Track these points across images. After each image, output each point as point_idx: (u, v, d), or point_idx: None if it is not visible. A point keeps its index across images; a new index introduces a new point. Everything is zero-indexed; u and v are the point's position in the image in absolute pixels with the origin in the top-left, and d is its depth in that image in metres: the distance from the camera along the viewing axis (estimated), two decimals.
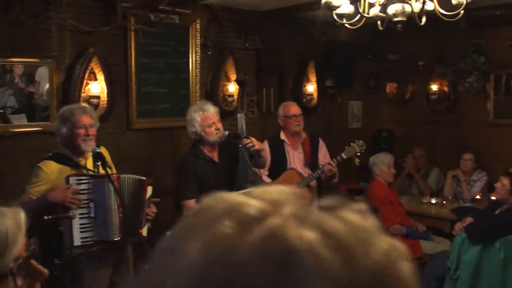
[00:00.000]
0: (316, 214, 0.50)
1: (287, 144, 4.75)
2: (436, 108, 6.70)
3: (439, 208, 5.35)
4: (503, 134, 6.12)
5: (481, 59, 5.97)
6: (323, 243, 0.46)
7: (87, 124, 3.30)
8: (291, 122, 4.68)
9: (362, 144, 4.48)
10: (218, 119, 3.91)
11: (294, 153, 4.75)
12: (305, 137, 4.78)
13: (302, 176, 4.55)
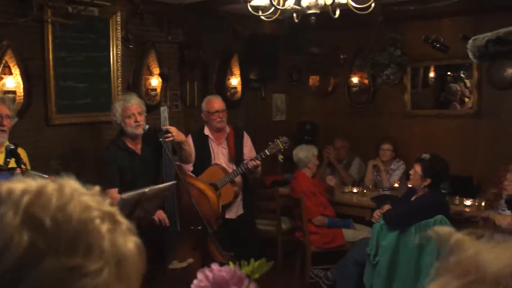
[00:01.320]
0: None
1: (211, 139, 4.73)
2: (357, 100, 6.92)
3: (360, 197, 5.54)
4: (419, 124, 6.42)
5: (397, 52, 6.22)
6: None
7: (4, 114, 3.19)
8: (214, 118, 4.65)
9: (286, 140, 4.55)
10: (139, 112, 3.86)
11: (219, 148, 4.73)
12: (229, 131, 4.77)
13: (226, 172, 4.56)
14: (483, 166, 5.75)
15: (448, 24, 5.96)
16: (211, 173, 4.57)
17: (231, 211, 4.66)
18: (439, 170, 4.24)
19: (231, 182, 4.54)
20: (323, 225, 5.10)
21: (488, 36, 2.22)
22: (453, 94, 6.70)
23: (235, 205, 4.67)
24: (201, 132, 4.75)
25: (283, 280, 5.50)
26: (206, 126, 4.76)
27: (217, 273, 1.13)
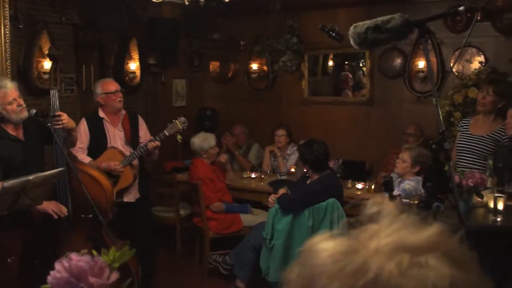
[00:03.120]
0: None
1: (106, 122, 4.57)
2: (257, 86, 6.99)
3: (258, 182, 5.61)
4: (316, 111, 6.61)
5: (293, 40, 6.34)
6: None
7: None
8: (114, 98, 4.51)
9: (184, 120, 4.50)
10: (18, 95, 3.63)
11: (115, 131, 4.59)
12: (124, 114, 4.65)
13: (123, 155, 4.44)
14: (375, 151, 6.02)
15: (344, 14, 6.15)
16: (109, 156, 4.42)
17: (130, 194, 4.54)
18: (309, 155, 4.36)
19: (129, 165, 4.43)
20: (221, 211, 5.12)
21: (367, 23, 2.30)
22: (344, 82, 6.97)
23: (134, 188, 4.56)
24: (96, 115, 4.58)
25: (183, 267, 5.48)
26: (100, 109, 4.59)
27: (75, 263, 1.07)
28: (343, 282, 0.58)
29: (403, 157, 4.26)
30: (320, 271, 0.60)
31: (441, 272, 0.56)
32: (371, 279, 0.56)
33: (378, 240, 0.60)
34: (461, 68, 5.64)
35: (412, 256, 0.57)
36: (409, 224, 0.62)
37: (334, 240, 0.63)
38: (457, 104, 5.22)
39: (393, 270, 0.56)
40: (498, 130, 4.30)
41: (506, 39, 5.33)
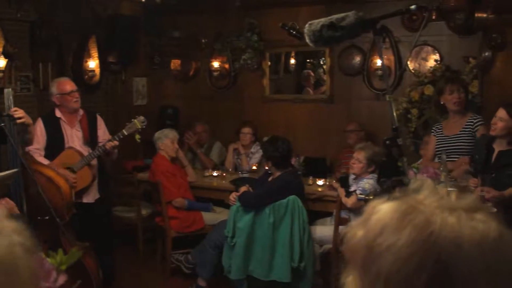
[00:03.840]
0: None
1: (63, 122, 4.48)
2: (218, 84, 6.97)
3: (220, 180, 5.60)
4: (278, 109, 6.64)
5: (254, 38, 6.36)
6: None
7: None
8: (70, 99, 4.43)
9: (143, 120, 4.47)
10: None
11: (72, 131, 4.51)
12: (82, 114, 4.57)
13: (82, 155, 4.37)
14: (336, 148, 6.09)
15: (305, 12, 6.18)
16: (66, 156, 4.34)
17: (89, 195, 4.47)
18: (273, 152, 4.40)
19: (87, 165, 4.36)
20: (183, 207, 5.09)
21: (322, 21, 2.32)
22: (306, 80, 7.03)
23: (93, 189, 4.49)
24: (52, 115, 4.49)
25: (145, 266, 5.44)
26: (57, 109, 4.50)
27: None
28: (412, 230, 0.69)
29: (358, 158, 4.34)
30: (389, 222, 0.71)
31: (490, 225, 0.70)
32: (437, 227, 0.68)
33: (431, 203, 0.72)
34: (417, 66, 5.76)
35: (466, 212, 0.70)
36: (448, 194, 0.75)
37: (392, 202, 0.75)
38: (414, 101, 5.33)
39: (454, 221, 0.69)
40: (467, 123, 4.40)
41: (459, 38, 5.47)
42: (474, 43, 5.16)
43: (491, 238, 0.69)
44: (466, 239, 0.68)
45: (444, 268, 0.67)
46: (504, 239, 0.70)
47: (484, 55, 4.76)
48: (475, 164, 3.89)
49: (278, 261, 4.29)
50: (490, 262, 0.67)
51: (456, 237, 0.68)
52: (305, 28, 2.37)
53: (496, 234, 0.69)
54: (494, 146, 3.86)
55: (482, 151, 3.89)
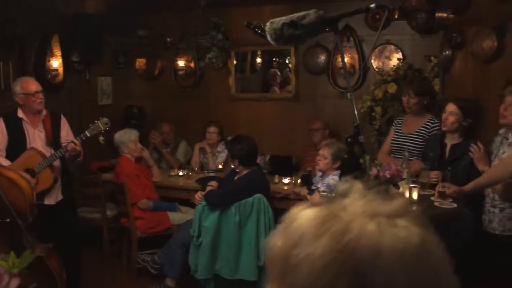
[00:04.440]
0: None
1: (26, 123, 4.38)
2: (184, 83, 6.95)
3: (186, 180, 5.58)
4: (244, 108, 6.65)
5: (219, 36, 6.35)
6: None
7: None
8: (34, 99, 4.30)
9: (106, 121, 4.39)
10: None
11: (35, 131, 4.40)
12: (45, 114, 4.47)
13: (44, 156, 4.28)
14: (301, 146, 6.13)
15: (269, 11, 6.20)
16: (28, 157, 4.24)
17: (51, 197, 4.38)
18: (239, 150, 4.42)
19: (49, 167, 4.26)
20: (148, 209, 5.05)
21: (283, 20, 2.34)
22: (273, 79, 7.05)
23: (55, 190, 4.40)
24: (14, 115, 4.38)
25: (111, 268, 5.38)
26: (19, 109, 4.39)
27: None
28: (329, 238, 0.65)
29: (323, 154, 4.37)
30: (307, 231, 0.67)
31: (412, 231, 0.66)
32: (355, 235, 0.64)
33: (354, 208, 0.68)
34: (381, 64, 5.85)
35: (388, 218, 0.66)
36: (377, 198, 0.71)
37: (313, 208, 0.71)
38: (378, 99, 5.40)
39: (374, 229, 0.65)
40: (424, 124, 4.45)
41: (421, 37, 5.57)
42: (435, 42, 5.26)
43: (413, 245, 0.65)
44: (385, 248, 0.64)
45: (361, 278, 0.63)
46: (426, 247, 0.66)
47: (444, 54, 4.86)
48: (430, 162, 3.99)
49: (244, 260, 4.29)
50: (411, 271, 0.64)
51: (375, 246, 0.64)
52: (266, 26, 2.39)
53: (418, 242, 0.65)
54: (446, 142, 4.01)
55: (436, 148, 4.03)
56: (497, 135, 3.75)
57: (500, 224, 3.54)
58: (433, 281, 0.66)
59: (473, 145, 3.73)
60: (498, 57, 4.17)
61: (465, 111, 3.94)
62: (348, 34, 5.94)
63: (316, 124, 5.80)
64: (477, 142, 3.75)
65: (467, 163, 3.79)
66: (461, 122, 3.92)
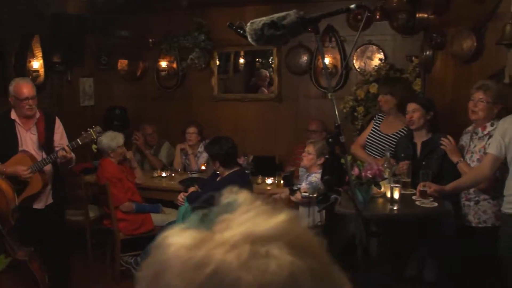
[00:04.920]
0: None
1: (18, 125, 4.26)
2: (167, 84, 6.92)
3: (169, 181, 5.56)
4: (227, 108, 6.64)
5: (201, 37, 6.33)
6: None
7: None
8: (23, 105, 4.18)
9: (99, 130, 4.31)
10: None
11: (27, 134, 4.27)
12: (39, 116, 4.35)
13: (34, 160, 4.17)
14: (285, 146, 6.15)
15: (252, 11, 6.20)
16: (18, 160, 4.15)
17: (41, 201, 4.30)
18: (218, 151, 4.44)
19: (40, 171, 4.18)
20: (131, 211, 5.02)
21: (264, 20, 2.34)
22: (262, 79, 7.05)
23: (44, 195, 4.33)
24: (6, 116, 4.28)
25: (94, 270, 5.33)
26: (13, 110, 4.29)
27: None
28: (183, 277, 0.56)
29: (308, 150, 4.39)
30: (165, 267, 0.58)
31: (281, 262, 0.56)
32: (210, 272, 0.55)
33: (230, 230, 0.59)
34: (363, 65, 5.89)
35: (254, 246, 0.56)
36: (262, 212, 0.61)
37: (184, 233, 0.61)
38: (360, 99, 5.44)
39: (232, 261, 0.55)
40: (403, 128, 4.49)
41: (402, 38, 5.62)
42: (416, 42, 5.31)
43: (278, 282, 0.55)
44: (245, 283, 0.54)
45: None
46: (296, 281, 0.56)
47: (425, 54, 4.91)
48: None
49: None
50: None
51: (234, 280, 0.55)
52: (247, 27, 2.39)
53: (286, 276, 0.56)
54: (415, 141, 4.10)
55: (407, 148, 4.11)
56: (465, 133, 3.87)
57: (475, 216, 3.64)
58: None
59: (444, 139, 3.84)
60: (478, 57, 4.23)
61: (425, 105, 4.11)
62: (330, 35, 5.97)
63: (313, 125, 5.63)
64: (446, 136, 3.86)
65: (440, 156, 3.92)
66: (425, 117, 4.08)
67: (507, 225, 3.28)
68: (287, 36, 2.35)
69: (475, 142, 3.72)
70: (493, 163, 3.37)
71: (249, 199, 0.65)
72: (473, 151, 3.73)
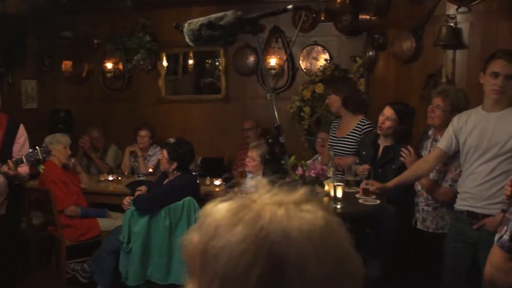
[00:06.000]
0: None
1: None
2: (113, 86, 6.79)
3: (116, 185, 5.46)
4: (175, 110, 6.58)
5: (146, 38, 6.25)
6: None
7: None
8: None
9: (46, 151, 4.03)
10: None
11: None
12: (2, 121, 4.09)
13: None
14: (233, 147, 6.14)
15: (198, 12, 6.13)
16: None
17: None
18: (184, 153, 4.39)
19: None
20: (76, 216, 4.90)
21: (201, 20, 2.32)
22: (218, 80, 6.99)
23: None
24: None
25: (39, 278, 5.17)
26: None
27: None
28: (244, 226, 0.70)
29: (252, 156, 4.39)
30: (221, 222, 0.72)
31: (317, 214, 0.73)
32: (267, 221, 0.70)
33: (263, 199, 0.74)
34: (309, 65, 5.95)
35: (295, 205, 0.73)
36: (282, 190, 0.77)
37: (225, 202, 0.76)
38: (306, 100, 5.49)
39: (283, 214, 0.72)
40: (356, 126, 4.45)
41: (346, 39, 5.71)
42: (360, 43, 5.41)
43: (318, 226, 0.72)
44: (295, 229, 0.70)
45: (276, 258, 0.69)
46: (329, 227, 0.74)
47: (368, 55, 5.00)
48: (363, 160, 4.07)
49: (176, 265, 4.23)
50: (318, 247, 0.70)
51: (285, 228, 0.70)
52: (185, 27, 2.37)
53: (323, 222, 0.73)
54: (379, 142, 4.04)
55: (369, 147, 4.08)
56: (427, 138, 3.78)
57: (433, 222, 3.61)
58: (338, 254, 0.73)
59: (404, 150, 3.70)
60: (417, 58, 4.34)
61: (402, 115, 3.91)
62: (277, 36, 6.01)
63: (247, 123, 5.81)
64: (407, 147, 3.71)
65: (397, 167, 3.79)
66: (396, 128, 3.89)
67: (456, 220, 3.31)
68: (224, 36, 2.34)
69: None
70: (439, 158, 3.36)
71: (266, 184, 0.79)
72: None
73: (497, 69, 2.96)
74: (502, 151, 3.02)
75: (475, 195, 3.13)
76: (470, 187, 3.15)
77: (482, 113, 3.14)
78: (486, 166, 3.07)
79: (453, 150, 3.29)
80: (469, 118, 3.20)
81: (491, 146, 3.05)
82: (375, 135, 4.10)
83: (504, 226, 1.55)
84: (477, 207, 3.12)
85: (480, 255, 3.05)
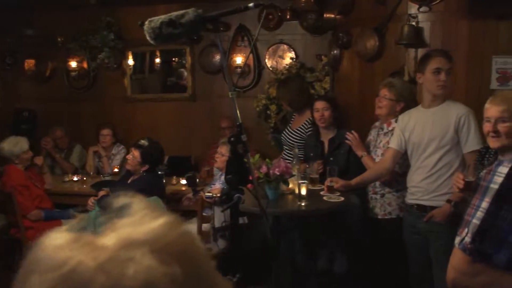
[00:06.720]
0: None
1: None
2: (77, 84, 6.67)
3: (81, 185, 5.38)
4: (140, 109, 6.51)
5: (110, 36, 6.16)
6: None
7: None
8: None
9: None
10: None
11: None
12: None
13: None
14: (200, 146, 6.12)
15: (163, 10, 6.07)
16: None
17: None
18: (157, 156, 4.39)
19: None
20: (40, 219, 4.81)
21: (162, 18, 2.30)
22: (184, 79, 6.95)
23: None
24: None
25: (3, 284, 5.05)
26: None
27: None
28: (43, 277, 0.58)
29: (221, 151, 4.40)
30: (34, 267, 0.60)
31: (139, 267, 0.56)
32: (65, 273, 0.56)
33: (110, 234, 0.61)
34: (275, 63, 5.96)
35: (116, 250, 0.58)
36: (145, 216, 0.63)
37: (61, 234, 0.62)
38: (272, 98, 5.51)
39: (90, 263, 0.57)
40: (304, 122, 4.68)
41: (312, 37, 5.74)
42: (325, 41, 5.44)
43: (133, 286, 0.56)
44: (97, 285, 0.55)
45: None
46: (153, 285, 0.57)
47: (333, 53, 5.04)
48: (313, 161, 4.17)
49: None
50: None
51: (88, 281, 0.56)
52: (145, 25, 2.35)
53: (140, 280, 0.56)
54: (322, 139, 4.27)
55: (316, 148, 4.24)
56: (373, 128, 4.04)
57: (381, 209, 3.80)
58: None
59: (349, 134, 3.97)
60: (380, 56, 4.40)
61: (332, 103, 4.26)
62: (243, 34, 6.00)
63: (224, 122, 5.72)
64: (351, 131, 3.99)
65: (346, 150, 4.06)
66: (335, 115, 4.21)
67: (408, 214, 3.48)
68: (185, 34, 2.33)
69: (381, 138, 3.88)
70: (394, 157, 3.55)
71: (142, 203, 0.66)
72: (378, 146, 3.88)
73: (439, 65, 3.21)
74: (442, 144, 3.24)
75: (422, 188, 3.33)
76: (417, 181, 3.37)
77: (421, 110, 3.39)
78: (430, 160, 3.30)
79: (405, 148, 3.49)
80: (411, 116, 3.45)
81: (432, 140, 3.28)
82: (316, 133, 4.34)
83: (465, 229, 1.52)
84: (425, 199, 3.33)
85: (430, 245, 3.23)
